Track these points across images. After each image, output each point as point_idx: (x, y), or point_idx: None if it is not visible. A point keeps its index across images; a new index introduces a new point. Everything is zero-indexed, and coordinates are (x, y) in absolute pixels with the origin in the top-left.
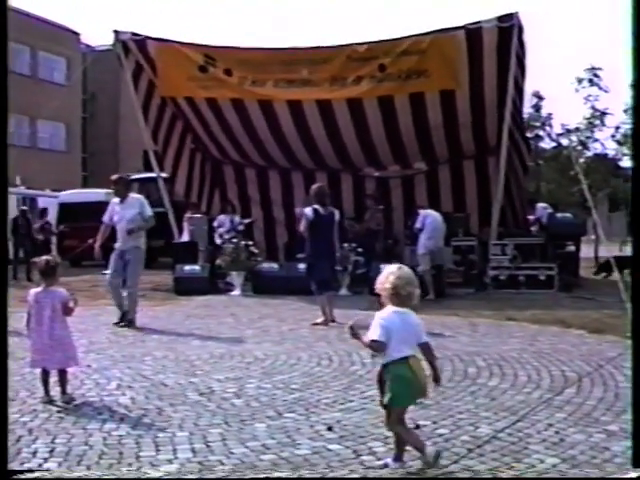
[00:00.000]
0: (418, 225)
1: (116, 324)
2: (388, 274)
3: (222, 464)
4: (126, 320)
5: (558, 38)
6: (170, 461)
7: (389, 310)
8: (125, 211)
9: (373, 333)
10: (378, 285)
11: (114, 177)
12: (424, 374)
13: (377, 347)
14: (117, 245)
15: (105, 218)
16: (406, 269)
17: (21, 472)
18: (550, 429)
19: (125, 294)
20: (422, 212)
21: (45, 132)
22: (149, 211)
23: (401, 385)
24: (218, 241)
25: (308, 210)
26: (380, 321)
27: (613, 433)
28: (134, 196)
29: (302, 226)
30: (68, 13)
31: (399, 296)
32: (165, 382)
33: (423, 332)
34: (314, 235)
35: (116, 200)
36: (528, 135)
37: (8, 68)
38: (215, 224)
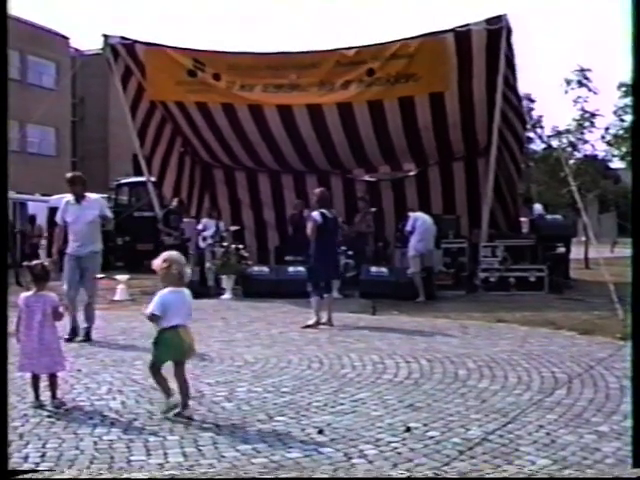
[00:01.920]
0: (408, 227)
1: (69, 340)
2: (161, 258)
3: (213, 467)
4: (83, 335)
5: (547, 40)
6: (161, 465)
7: (166, 290)
8: (83, 212)
9: (152, 308)
10: (155, 268)
11: (69, 175)
12: (191, 341)
13: (154, 319)
14: (71, 250)
15: (58, 219)
16: (176, 253)
17: (21, 472)
18: (541, 430)
19: (81, 307)
20: (412, 214)
21: (34, 136)
22: (109, 213)
23: (162, 347)
24: (202, 244)
25: (316, 214)
26: (158, 298)
27: (604, 434)
28: (93, 196)
29: (309, 230)
30: (57, 17)
31: (171, 275)
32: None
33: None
34: (321, 238)
35: (70, 199)
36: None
37: None
38: (200, 227)
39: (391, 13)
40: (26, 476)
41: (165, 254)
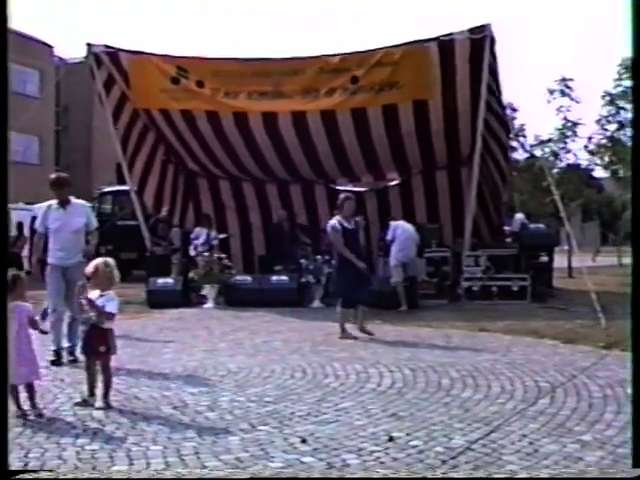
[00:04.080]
0: (389, 237)
1: (55, 363)
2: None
3: (196, 476)
4: (68, 355)
5: (530, 49)
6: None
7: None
8: (69, 219)
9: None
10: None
11: (54, 177)
12: None
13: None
14: (55, 260)
15: (39, 226)
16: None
17: (22, 472)
18: (524, 440)
19: (66, 323)
20: (393, 223)
21: (18, 145)
22: (95, 222)
23: None
24: (193, 253)
25: (333, 223)
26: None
27: (587, 443)
28: (78, 202)
29: (331, 238)
30: (41, 26)
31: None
32: (138, 396)
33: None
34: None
35: (53, 204)
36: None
37: None
38: (192, 236)
39: (375, 21)
40: (26, 476)
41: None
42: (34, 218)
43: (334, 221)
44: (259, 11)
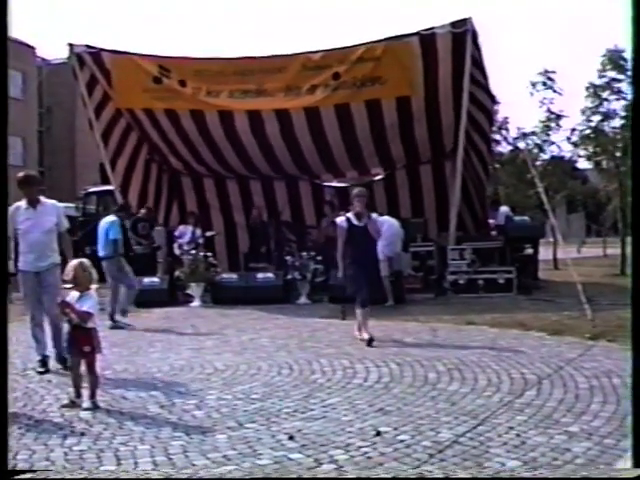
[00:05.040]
0: None
1: (42, 372)
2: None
3: (183, 476)
4: (58, 361)
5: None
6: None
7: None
8: (40, 218)
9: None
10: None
11: (22, 175)
12: None
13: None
14: (26, 266)
15: (11, 232)
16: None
17: (22, 472)
18: (511, 432)
19: (48, 329)
20: (379, 219)
21: None
22: (66, 222)
23: None
24: (177, 252)
25: (342, 219)
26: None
27: (574, 434)
28: (49, 201)
29: (338, 236)
30: (23, 27)
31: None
32: (125, 396)
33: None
34: (348, 247)
35: (21, 205)
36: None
37: None
38: (176, 234)
39: (356, 17)
40: (26, 476)
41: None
42: None
43: (342, 218)
44: (240, 10)
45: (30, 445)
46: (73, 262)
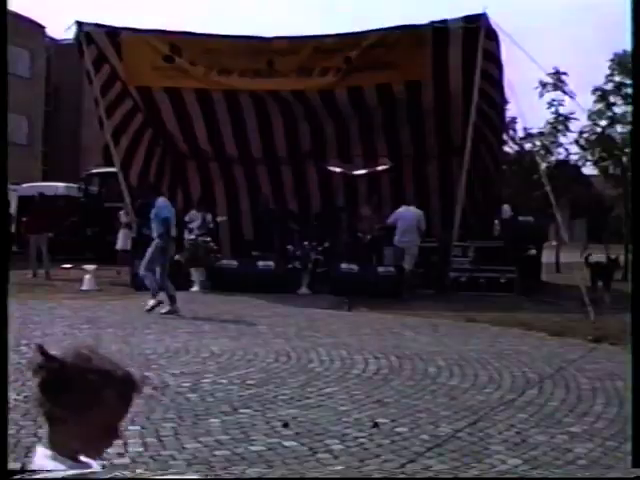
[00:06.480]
0: (390, 220)
1: None
2: None
3: (174, 459)
4: None
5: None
6: (121, 455)
7: None
8: None
9: None
10: None
11: None
12: None
13: None
14: None
15: None
16: None
17: (22, 472)
18: (511, 429)
19: None
20: (398, 210)
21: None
22: None
23: None
24: (187, 237)
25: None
26: None
27: (576, 434)
28: None
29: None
30: (34, 5)
31: None
32: None
33: None
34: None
35: None
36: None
37: None
38: (186, 219)
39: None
40: (26, 476)
41: None
42: (20, 198)
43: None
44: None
45: (18, 420)
46: None
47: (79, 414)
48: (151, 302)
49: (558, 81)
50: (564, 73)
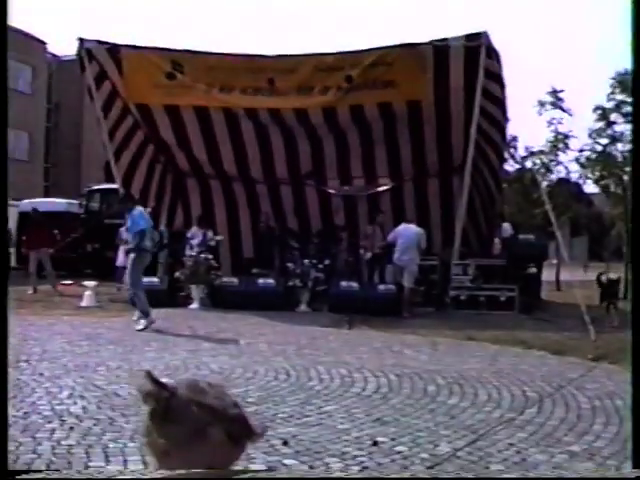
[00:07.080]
0: (390, 238)
1: None
2: None
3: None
4: None
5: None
6: (121, 472)
7: None
8: None
9: None
10: None
11: None
12: None
13: None
14: None
15: None
16: None
17: (22, 472)
18: (511, 448)
19: None
20: (398, 228)
21: (8, 140)
22: None
23: None
24: (189, 253)
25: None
26: None
27: (576, 454)
28: None
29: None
30: (35, 22)
31: None
32: (118, 392)
33: None
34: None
35: None
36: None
37: None
38: (188, 235)
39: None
40: (26, 476)
41: None
42: (20, 214)
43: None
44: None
45: (17, 437)
46: None
47: (181, 449)
48: (143, 322)
49: (556, 99)
50: (561, 91)
